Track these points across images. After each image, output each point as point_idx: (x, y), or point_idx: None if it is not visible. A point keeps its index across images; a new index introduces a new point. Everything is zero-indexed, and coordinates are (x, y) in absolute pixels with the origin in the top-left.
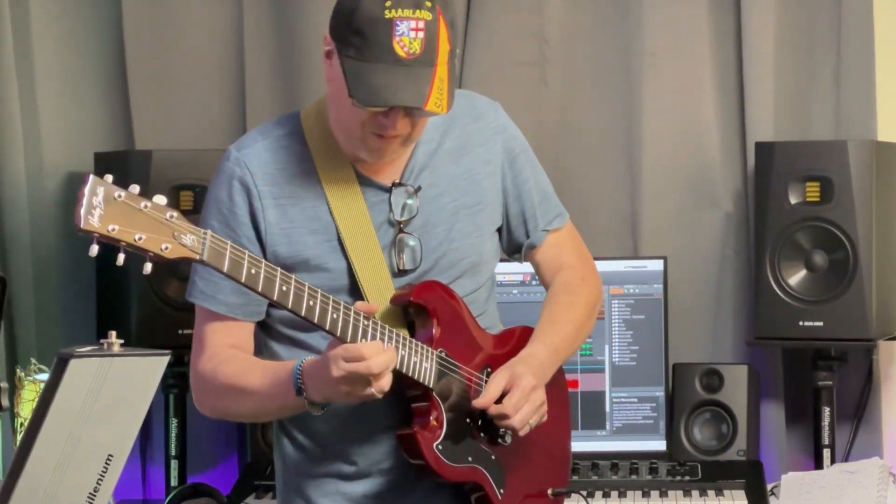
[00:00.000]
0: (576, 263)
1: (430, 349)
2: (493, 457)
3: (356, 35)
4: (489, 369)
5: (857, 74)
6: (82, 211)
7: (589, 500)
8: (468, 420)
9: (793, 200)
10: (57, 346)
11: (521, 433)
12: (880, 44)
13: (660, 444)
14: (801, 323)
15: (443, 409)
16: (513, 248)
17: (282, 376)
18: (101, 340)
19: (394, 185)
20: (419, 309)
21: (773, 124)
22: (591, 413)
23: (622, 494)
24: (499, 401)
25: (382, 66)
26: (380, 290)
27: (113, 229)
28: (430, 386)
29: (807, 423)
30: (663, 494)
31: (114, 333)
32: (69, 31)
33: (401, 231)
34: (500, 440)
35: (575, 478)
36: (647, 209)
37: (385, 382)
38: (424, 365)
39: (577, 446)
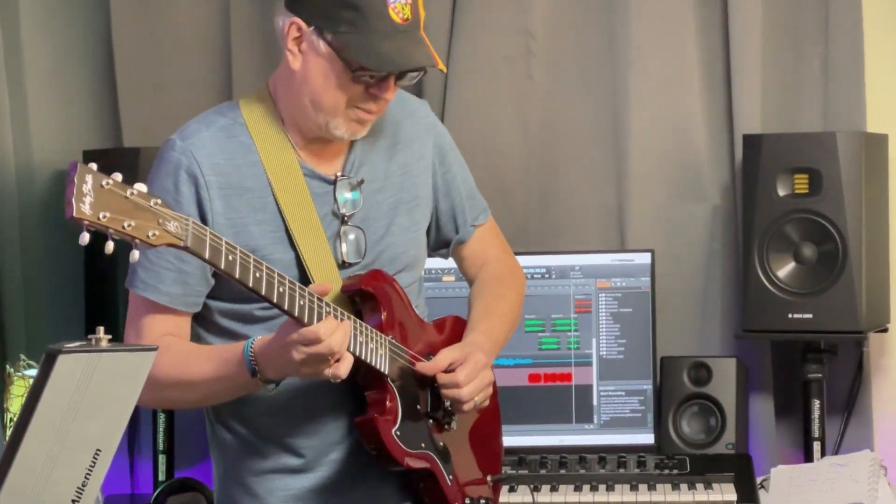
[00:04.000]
0: (501, 256)
1: (382, 335)
2: (441, 443)
3: (348, 9)
4: (431, 356)
5: (845, 65)
6: (73, 199)
7: (577, 493)
8: (418, 407)
9: (781, 193)
10: (46, 342)
11: (466, 407)
12: (869, 34)
13: (648, 438)
14: (789, 315)
15: (397, 394)
16: (439, 244)
17: (230, 359)
18: (90, 336)
19: (338, 177)
20: (367, 297)
21: (760, 116)
22: (579, 406)
23: (610, 488)
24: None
25: (384, 35)
26: (328, 281)
27: (104, 217)
28: (386, 372)
29: (796, 415)
30: (652, 488)
31: (102, 329)
32: (58, 30)
33: (345, 223)
34: (446, 427)
35: (562, 471)
36: (634, 202)
37: (345, 364)
38: (380, 351)
39: (566, 440)
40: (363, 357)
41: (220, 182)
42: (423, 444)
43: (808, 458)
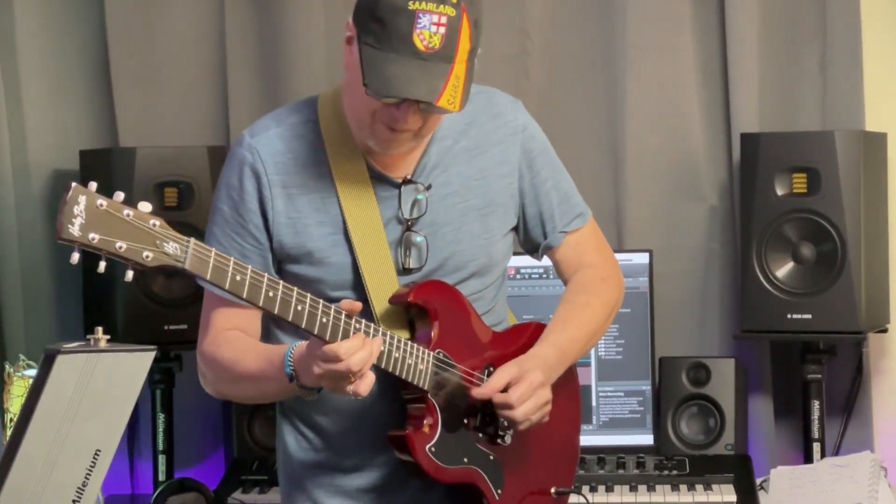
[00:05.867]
0: (597, 262)
1: (426, 350)
2: (491, 457)
3: (377, 23)
4: (492, 368)
5: (843, 63)
6: (63, 219)
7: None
8: (466, 420)
9: (779, 192)
10: (45, 342)
11: (521, 427)
12: (867, 32)
13: (647, 439)
14: (788, 316)
15: (438, 410)
16: (530, 247)
17: (274, 361)
18: (88, 336)
19: (404, 181)
20: (419, 309)
21: (758, 115)
22: None
23: (609, 489)
24: (504, 392)
25: (399, 58)
26: (384, 288)
27: (93, 238)
28: (425, 388)
29: (796, 416)
30: (651, 489)
31: (100, 329)
32: (53, 30)
33: (409, 229)
34: (499, 440)
35: None
36: (632, 202)
37: (366, 383)
38: (420, 367)
39: None
40: (398, 373)
41: (284, 181)
42: (465, 459)
43: (808, 459)
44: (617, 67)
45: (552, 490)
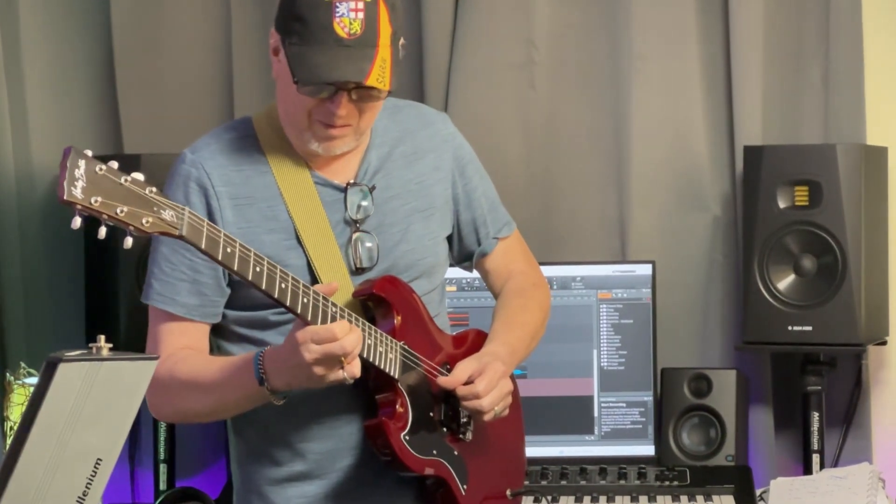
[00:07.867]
0: (526, 270)
1: (393, 340)
2: (455, 452)
3: (298, 21)
4: (448, 367)
5: (845, 77)
6: (65, 183)
7: None
8: (431, 414)
9: (781, 204)
10: (46, 350)
11: (487, 417)
12: (869, 46)
13: (648, 449)
14: (789, 328)
15: (408, 400)
16: (463, 257)
17: (241, 367)
18: (91, 344)
19: (349, 184)
20: (380, 302)
21: (761, 128)
22: (580, 417)
23: (611, 499)
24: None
25: (324, 48)
26: (340, 288)
27: (96, 201)
28: (396, 376)
29: (796, 428)
30: (652, 499)
31: (103, 337)
32: (58, 36)
33: (357, 230)
34: (461, 436)
35: (563, 482)
36: (636, 213)
37: (358, 364)
38: (389, 356)
39: (567, 451)
40: (372, 360)
41: (231, 192)
42: (434, 451)
43: (808, 470)
44: (622, 78)
45: (507, 492)
